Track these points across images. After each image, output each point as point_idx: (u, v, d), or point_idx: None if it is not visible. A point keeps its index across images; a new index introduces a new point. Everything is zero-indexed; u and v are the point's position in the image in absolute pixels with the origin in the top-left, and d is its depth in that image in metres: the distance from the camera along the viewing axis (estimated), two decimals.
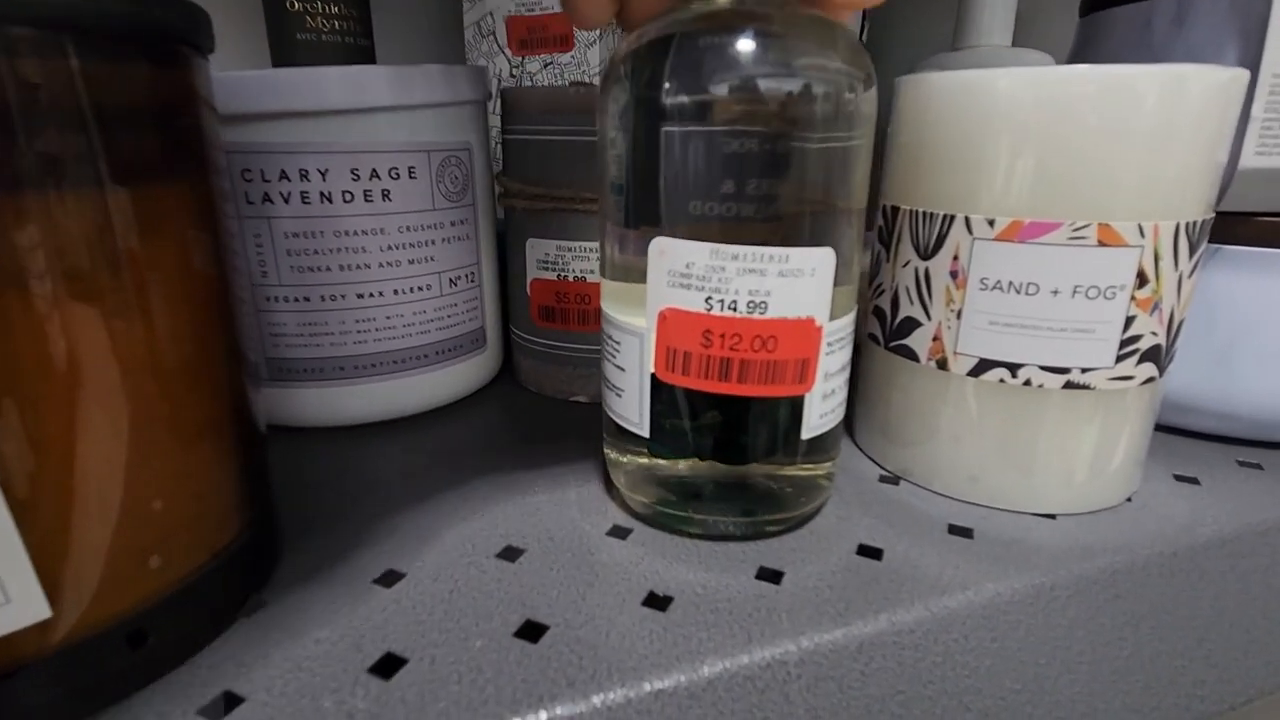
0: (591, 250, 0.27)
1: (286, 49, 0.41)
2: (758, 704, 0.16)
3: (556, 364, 0.29)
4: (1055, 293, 0.19)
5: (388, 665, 0.15)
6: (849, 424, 0.27)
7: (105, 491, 0.14)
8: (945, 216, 0.21)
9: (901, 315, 0.23)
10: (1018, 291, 0.20)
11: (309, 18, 0.43)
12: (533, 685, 0.15)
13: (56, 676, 0.14)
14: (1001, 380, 0.21)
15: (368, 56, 0.46)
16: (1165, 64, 0.18)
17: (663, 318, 0.18)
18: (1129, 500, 0.22)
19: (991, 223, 0.20)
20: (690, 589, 0.18)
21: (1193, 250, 0.20)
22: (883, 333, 0.24)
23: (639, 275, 0.17)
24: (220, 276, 0.17)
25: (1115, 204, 0.19)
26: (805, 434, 0.19)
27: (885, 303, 0.23)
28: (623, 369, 0.19)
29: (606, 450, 0.21)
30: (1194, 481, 0.24)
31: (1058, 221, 0.19)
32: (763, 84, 0.15)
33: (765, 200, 0.16)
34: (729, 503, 0.20)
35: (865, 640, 0.17)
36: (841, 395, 0.20)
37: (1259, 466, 0.25)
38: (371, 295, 0.25)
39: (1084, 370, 0.20)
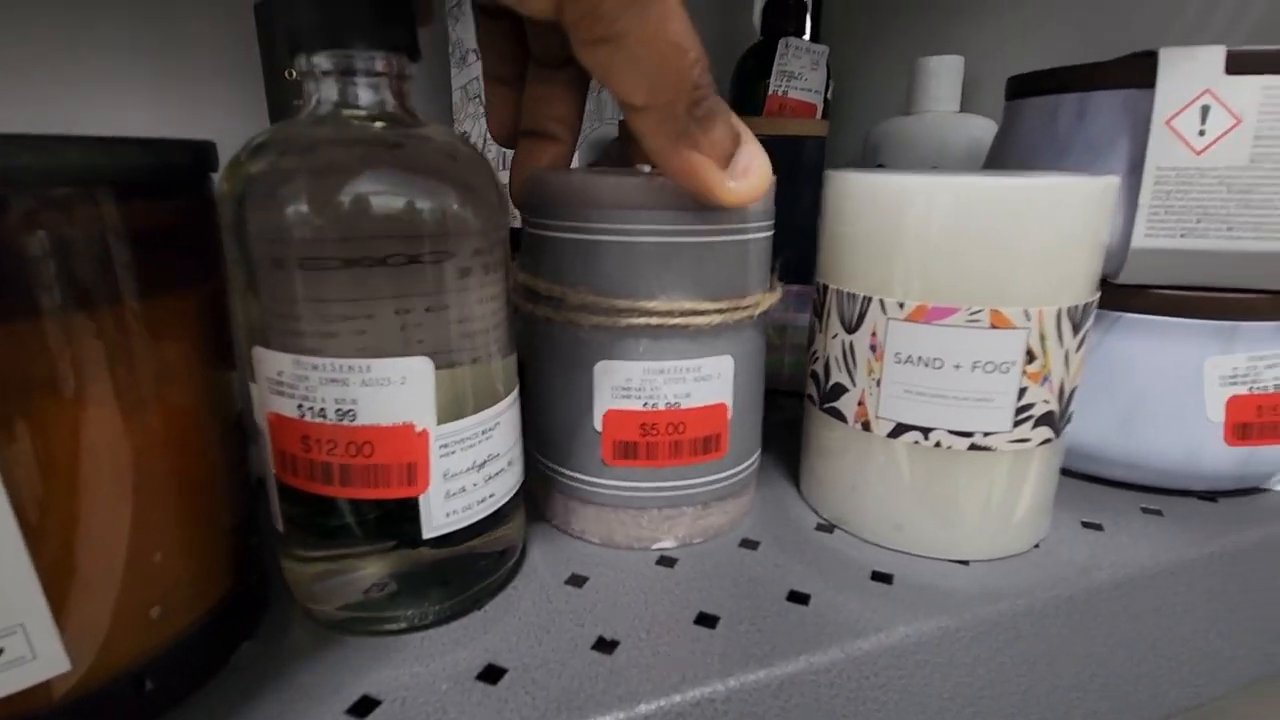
0: (688, 369, 0.23)
1: (286, 116, 0.44)
2: None
3: (635, 508, 0.24)
4: (958, 367, 0.22)
5: (364, 706, 0.18)
6: (795, 475, 0.30)
7: (113, 548, 0.16)
8: (864, 297, 0.23)
9: (832, 381, 0.25)
10: (926, 365, 0.22)
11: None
12: None
13: None
14: (916, 442, 0.23)
15: None
16: (1049, 176, 0.21)
17: (269, 422, 0.18)
18: (1037, 546, 0.25)
19: (901, 305, 0.22)
20: (635, 633, 0.20)
21: (1077, 329, 0.22)
22: (817, 395, 0.26)
23: None
24: (220, 359, 0.19)
25: (1004, 292, 0.21)
26: (428, 533, 0.19)
27: (819, 368, 0.26)
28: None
29: (284, 561, 0.21)
30: (1098, 528, 0.26)
31: (956, 307, 0.22)
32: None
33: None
34: (421, 591, 0.20)
35: (785, 679, 0.19)
36: (491, 488, 0.20)
37: (1159, 513, 0.27)
38: None
39: (986, 434, 0.23)
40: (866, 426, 0.24)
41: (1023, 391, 0.22)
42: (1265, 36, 0.33)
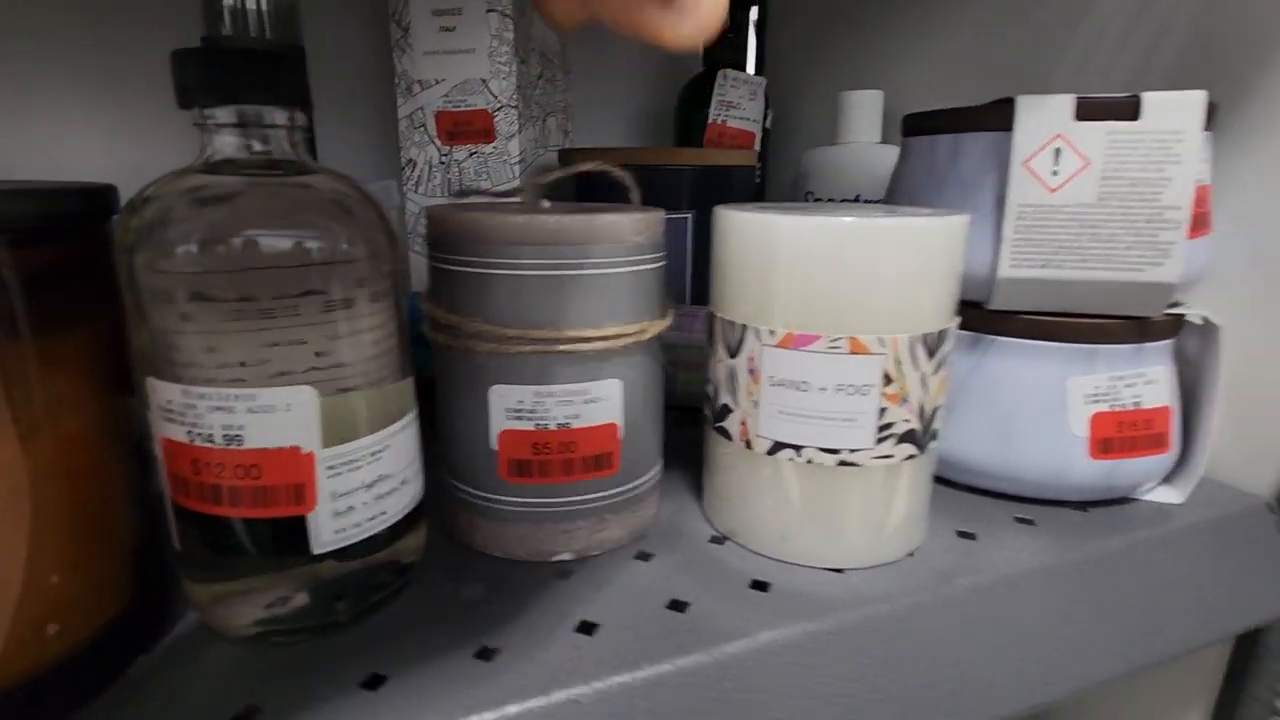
0: (577, 392, 0.24)
1: None
2: None
3: (532, 523, 0.26)
4: (823, 389, 0.24)
5: (245, 717, 0.19)
6: (699, 491, 0.31)
7: (9, 571, 0.17)
8: (743, 325, 0.25)
9: (720, 402, 0.27)
10: (795, 388, 0.24)
11: None
12: None
13: None
14: (791, 459, 0.25)
15: (308, 147, 0.51)
16: (905, 215, 0.23)
17: (162, 447, 0.20)
18: (911, 555, 0.27)
19: (773, 332, 0.24)
20: (517, 642, 0.22)
21: (932, 353, 0.24)
22: (711, 415, 0.28)
23: None
24: (118, 388, 0.20)
25: (861, 322, 0.23)
26: (317, 549, 0.20)
27: (711, 390, 0.28)
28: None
29: (184, 579, 0.22)
30: (972, 537, 0.28)
31: (818, 335, 0.24)
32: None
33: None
34: (321, 605, 0.21)
35: (652, 681, 0.21)
36: (382, 506, 0.22)
37: (1031, 522, 0.29)
38: None
39: (852, 450, 0.24)
40: (749, 444, 0.26)
41: (883, 411, 0.24)
42: (1146, 76, 0.36)
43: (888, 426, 0.24)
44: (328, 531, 0.21)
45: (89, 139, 0.49)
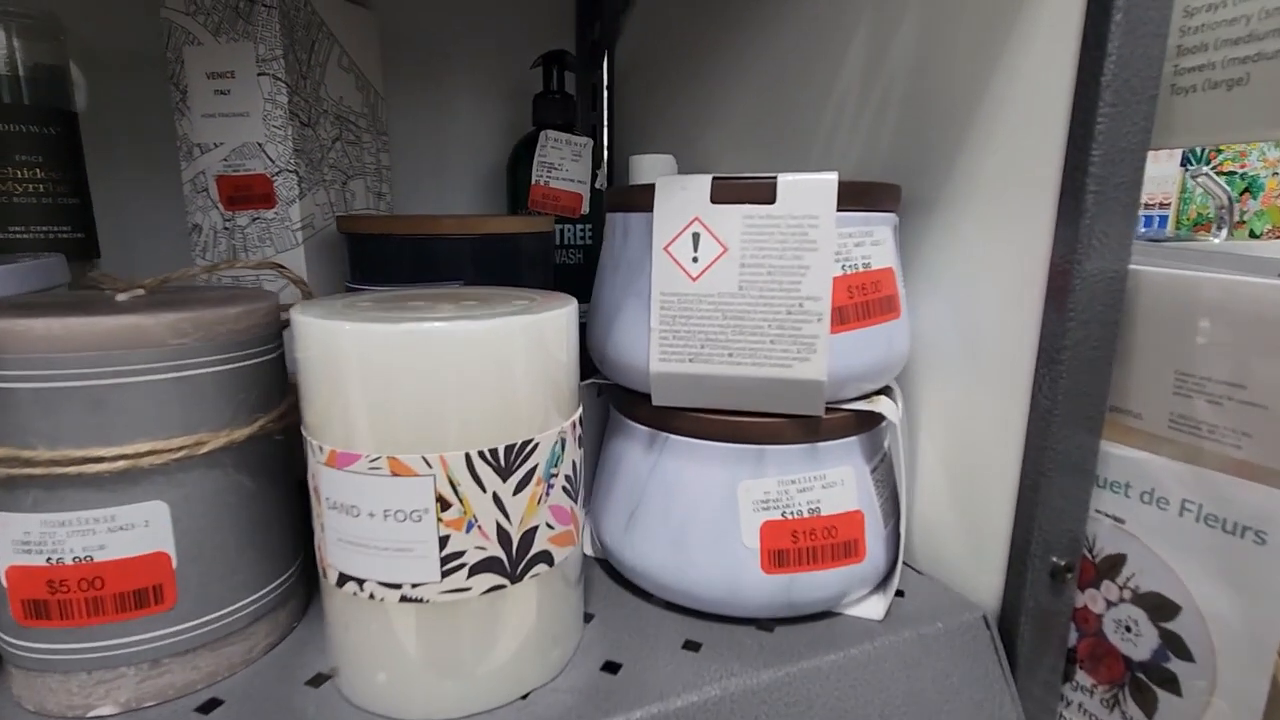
0: (99, 520, 0.21)
1: None
2: None
3: (61, 672, 0.22)
4: (372, 515, 0.21)
5: None
6: None
7: None
8: (306, 440, 0.22)
9: (313, 525, 0.24)
10: (347, 513, 0.21)
11: None
12: None
13: None
14: (355, 593, 0.22)
15: (75, 214, 0.48)
16: (438, 321, 0.20)
17: None
18: (525, 698, 0.23)
19: (321, 449, 0.21)
20: None
21: (506, 472, 0.21)
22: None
23: None
24: None
25: (400, 439, 0.20)
26: None
27: None
28: None
29: None
30: (615, 669, 0.25)
31: (358, 453, 0.20)
32: None
33: None
34: None
35: None
36: None
37: (698, 647, 0.26)
38: None
39: (414, 585, 0.21)
40: (325, 574, 0.23)
41: (445, 540, 0.21)
42: (874, 158, 0.34)
43: (456, 556, 0.21)
44: None
45: None
